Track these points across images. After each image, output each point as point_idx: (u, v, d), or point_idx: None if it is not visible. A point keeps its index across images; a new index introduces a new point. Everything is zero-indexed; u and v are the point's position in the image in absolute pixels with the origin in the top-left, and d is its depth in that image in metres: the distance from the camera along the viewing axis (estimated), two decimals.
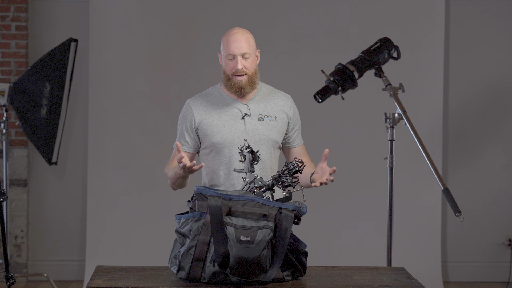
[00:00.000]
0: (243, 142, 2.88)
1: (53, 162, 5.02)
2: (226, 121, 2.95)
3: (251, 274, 2.39)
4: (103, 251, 5.20)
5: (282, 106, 3.04)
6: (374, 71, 3.33)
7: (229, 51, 2.92)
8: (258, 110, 2.99)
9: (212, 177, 2.99)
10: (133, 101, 5.26)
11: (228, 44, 2.93)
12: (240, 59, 2.91)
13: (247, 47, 2.93)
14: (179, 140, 3.01)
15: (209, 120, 2.96)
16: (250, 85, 2.95)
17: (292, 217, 2.41)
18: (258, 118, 2.97)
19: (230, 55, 2.92)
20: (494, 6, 5.43)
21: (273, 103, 3.03)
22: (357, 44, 3.98)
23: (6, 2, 5.23)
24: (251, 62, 2.95)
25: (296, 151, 3.11)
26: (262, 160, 2.93)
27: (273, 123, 2.99)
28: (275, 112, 3.01)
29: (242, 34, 2.95)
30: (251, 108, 2.98)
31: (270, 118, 2.99)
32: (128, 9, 5.28)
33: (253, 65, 2.95)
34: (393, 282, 2.52)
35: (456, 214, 2.90)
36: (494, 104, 5.46)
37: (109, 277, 2.51)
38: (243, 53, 2.92)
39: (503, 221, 5.45)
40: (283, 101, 3.05)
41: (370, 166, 5.20)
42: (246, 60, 2.93)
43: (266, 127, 2.98)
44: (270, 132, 2.98)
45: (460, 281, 5.44)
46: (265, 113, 3.00)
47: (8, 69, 5.25)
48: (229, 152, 2.94)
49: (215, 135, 2.95)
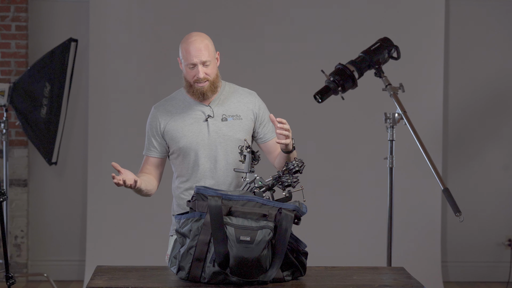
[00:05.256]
0: (207, 144, 2.91)
1: (53, 162, 5.02)
2: (190, 124, 2.96)
3: (251, 274, 2.39)
4: (103, 251, 5.20)
5: (246, 103, 3.03)
6: (374, 71, 3.33)
7: (189, 60, 2.92)
8: (221, 111, 2.98)
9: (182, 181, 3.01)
10: (133, 101, 5.26)
11: (188, 53, 2.92)
12: (201, 68, 2.91)
13: (206, 54, 2.92)
14: (148, 147, 3.04)
15: (173, 124, 2.98)
16: (212, 90, 2.96)
17: (292, 217, 2.42)
18: (222, 118, 2.97)
19: (191, 64, 2.92)
20: (494, 6, 5.43)
21: (237, 101, 3.02)
22: (357, 44, 3.98)
23: (6, 2, 5.23)
24: (212, 68, 2.95)
25: (272, 143, 3.06)
26: (228, 161, 2.94)
27: (237, 122, 2.98)
28: (239, 111, 3.00)
29: (201, 41, 2.93)
30: (214, 110, 2.98)
31: (234, 118, 2.99)
32: (128, 9, 5.28)
33: (213, 71, 2.95)
34: (393, 282, 2.52)
35: (456, 214, 2.90)
36: (494, 104, 5.46)
37: (109, 277, 2.51)
38: (204, 61, 2.92)
39: (503, 221, 5.45)
40: (247, 98, 3.04)
41: (370, 166, 5.20)
42: (207, 68, 2.93)
43: (230, 127, 2.97)
44: (234, 132, 2.97)
45: (460, 281, 5.44)
46: (228, 113, 2.99)
47: (8, 69, 5.25)
48: (195, 155, 2.95)
49: (180, 140, 2.96)
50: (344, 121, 5.29)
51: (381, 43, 3.36)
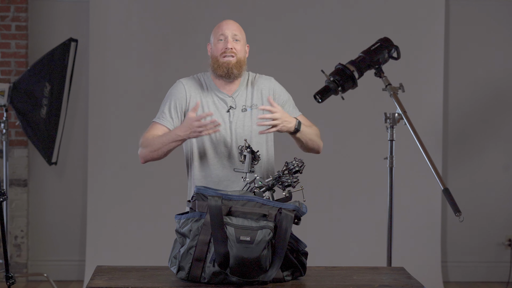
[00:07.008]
0: (228, 136, 2.94)
1: (53, 162, 5.02)
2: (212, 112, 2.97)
3: (251, 274, 2.39)
4: (103, 251, 5.20)
5: (262, 90, 3.06)
6: (374, 71, 3.33)
7: (220, 31, 2.98)
8: (242, 101, 3.02)
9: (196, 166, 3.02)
10: (133, 101, 5.26)
11: (220, 26, 3.00)
12: (230, 40, 2.97)
13: (238, 32, 3.00)
14: (163, 115, 3.02)
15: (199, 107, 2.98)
16: (237, 68, 2.98)
17: (292, 217, 2.42)
18: (242, 109, 3.01)
19: (222, 36, 2.98)
20: (494, 6, 5.43)
21: (255, 91, 3.06)
22: (357, 44, 3.98)
23: (6, 2, 5.23)
24: (241, 47, 3.01)
25: None
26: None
27: (256, 112, 3.02)
28: (257, 100, 3.04)
29: (235, 23, 3.04)
30: (236, 100, 3.01)
31: (253, 107, 3.03)
32: (128, 9, 5.28)
33: (242, 51, 3.01)
34: (393, 282, 2.52)
35: (456, 214, 2.89)
36: (494, 104, 5.46)
37: (109, 277, 2.51)
38: (234, 35, 2.99)
39: (503, 221, 5.45)
40: (263, 85, 3.08)
41: (370, 166, 5.20)
42: (236, 43, 2.99)
43: (250, 118, 3.01)
44: (253, 122, 3.01)
45: (460, 281, 5.44)
46: (248, 103, 3.03)
47: (8, 69, 5.26)
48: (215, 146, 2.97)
49: None
50: (344, 121, 5.29)
51: (381, 43, 3.35)
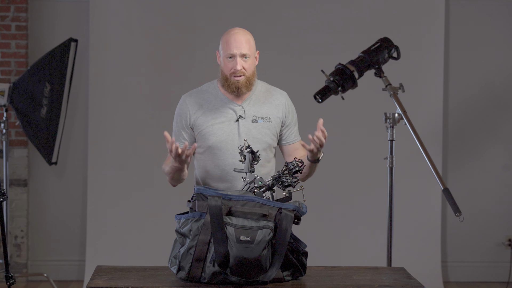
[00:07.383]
0: (236, 145, 2.90)
1: (53, 162, 5.02)
2: (221, 123, 2.95)
3: (251, 274, 2.39)
4: (103, 251, 5.20)
5: (276, 106, 3.03)
6: (374, 71, 3.33)
7: (228, 50, 2.91)
8: (252, 112, 2.98)
9: (205, 176, 2.99)
10: (133, 101, 5.26)
11: (228, 43, 2.91)
12: (239, 60, 2.90)
13: (247, 48, 2.92)
14: (176, 137, 3.00)
15: (203, 120, 2.96)
16: (247, 86, 2.94)
17: (292, 217, 2.42)
18: (252, 120, 2.97)
19: (230, 55, 2.91)
20: (494, 6, 5.43)
21: (268, 103, 3.02)
22: (357, 44, 3.98)
23: (6, 2, 5.23)
24: (250, 64, 2.94)
25: (293, 146, 3.08)
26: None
27: (267, 125, 2.99)
28: (269, 113, 3.00)
29: (243, 34, 2.94)
30: (246, 110, 2.97)
31: (264, 120, 2.98)
32: (128, 9, 5.28)
33: (251, 67, 2.95)
34: (393, 282, 2.52)
35: (456, 214, 2.90)
36: (494, 104, 5.46)
37: (109, 277, 2.51)
38: (243, 54, 2.91)
39: (503, 221, 5.45)
40: (278, 100, 3.04)
41: (370, 166, 5.20)
42: (245, 61, 2.92)
43: (260, 130, 2.97)
44: (263, 135, 2.97)
45: (460, 281, 5.44)
46: (259, 114, 2.99)
47: (8, 69, 5.25)
48: (223, 155, 2.94)
49: (210, 137, 2.94)
50: (344, 121, 5.29)
51: (381, 43, 3.35)
